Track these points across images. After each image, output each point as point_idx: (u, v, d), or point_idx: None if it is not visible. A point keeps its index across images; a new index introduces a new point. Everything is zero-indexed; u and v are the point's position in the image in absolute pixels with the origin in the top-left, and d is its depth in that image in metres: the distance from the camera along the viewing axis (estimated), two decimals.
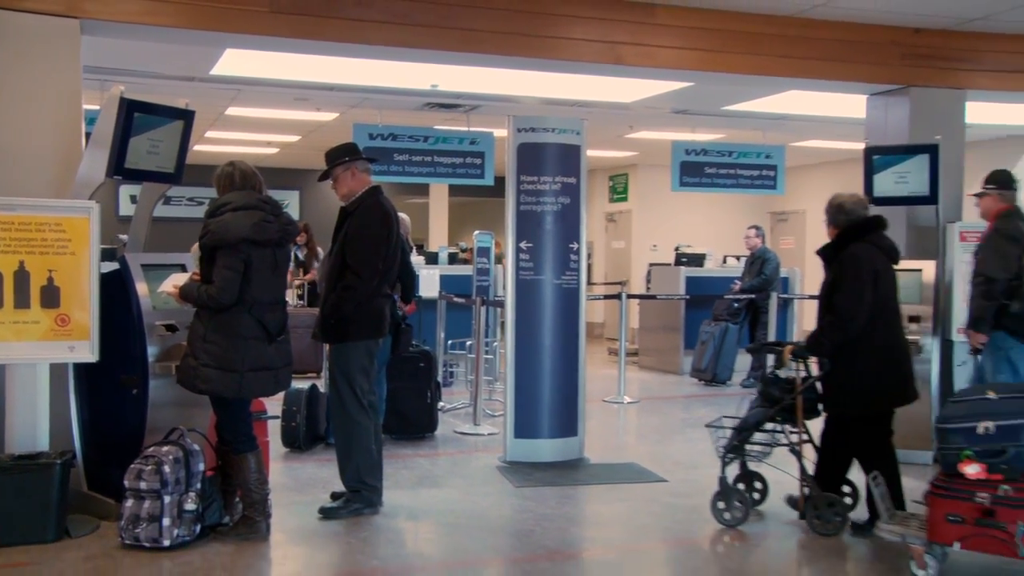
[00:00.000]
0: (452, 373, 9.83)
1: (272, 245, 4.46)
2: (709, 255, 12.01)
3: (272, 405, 5.58)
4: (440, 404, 7.42)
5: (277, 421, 6.40)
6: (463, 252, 11.74)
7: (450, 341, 9.26)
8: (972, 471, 3.84)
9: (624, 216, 15.67)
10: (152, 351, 4.83)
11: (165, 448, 4.45)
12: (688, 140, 10.29)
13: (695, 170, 9.95)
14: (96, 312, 4.62)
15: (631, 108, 9.66)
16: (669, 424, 8.04)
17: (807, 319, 10.94)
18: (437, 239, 15.34)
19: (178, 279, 4.53)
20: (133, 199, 8.39)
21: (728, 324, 10.04)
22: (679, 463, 6.34)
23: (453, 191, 15.59)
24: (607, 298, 11.12)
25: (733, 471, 4.99)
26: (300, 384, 6.46)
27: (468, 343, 9.07)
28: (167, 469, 4.34)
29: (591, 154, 9.81)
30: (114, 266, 5.00)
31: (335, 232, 5.00)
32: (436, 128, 9.38)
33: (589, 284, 11.28)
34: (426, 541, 4.82)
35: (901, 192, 6.50)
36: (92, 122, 4.96)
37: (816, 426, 4.91)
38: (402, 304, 6.01)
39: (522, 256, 6.30)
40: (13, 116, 5.01)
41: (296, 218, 12.19)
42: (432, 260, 10.97)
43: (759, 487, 5.14)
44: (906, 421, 5.04)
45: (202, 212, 4.61)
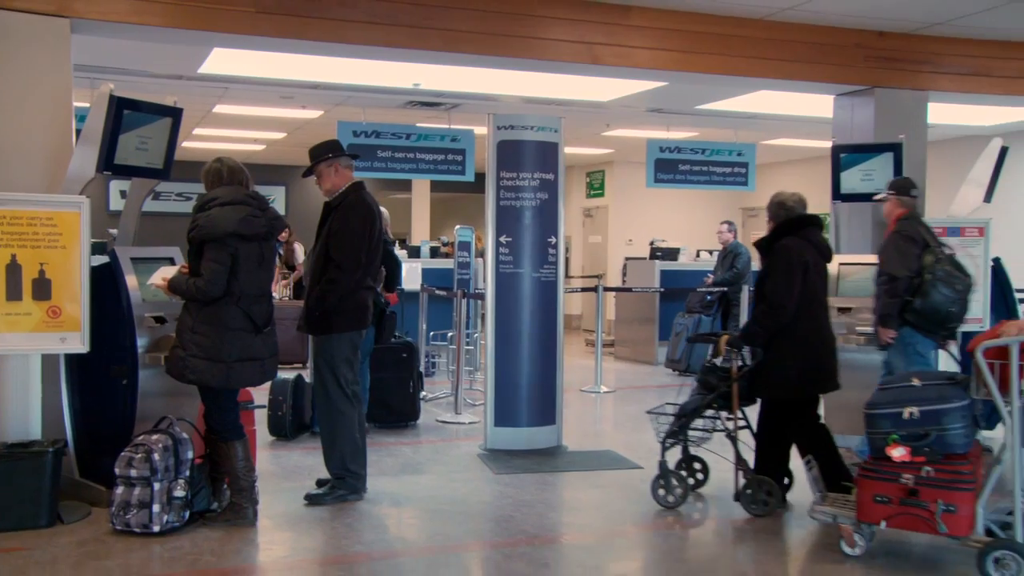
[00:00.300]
0: (434, 363, 9.94)
1: (259, 239, 4.51)
2: (683, 249, 12.17)
3: (259, 395, 5.65)
4: (422, 393, 7.49)
5: (264, 410, 6.44)
6: (444, 246, 11.80)
7: (432, 332, 9.38)
8: (898, 454, 3.99)
9: (601, 211, 15.80)
10: (142, 342, 4.90)
11: (155, 436, 4.50)
12: (663, 138, 10.41)
13: (669, 167, 10.06)
14: (87, 304, 4.66)
15: (607, 107, 9.74)
16: (644, 413, 8.14)
17: None
18: (419, 233, 15.40)
19: (167, 272, 4.57)
20: (123, 194, 8.41)
21: (701, 316, 10.19)
22: (653, 450, 6.33)
23: (435, 187, 15.64)
24: (584, 291, 11.26)
25: (675, 456, 5.18)
26: (286, 374, 6.53)
27: (449, 334, 9.23)
28: (156, 457, 4.40)
29: (569, 151, 9.96)
30: (104, 259, 5.06)
31: (319, 227, 5.05)
32: (418, 126, 9.41)
33: (567, 277, 11.35)
34: (409, 526, 4.89)
35: (867, 189, 6.67)
36: (82, 119, 4.99)
37: (753, 413, 5.09)
38: (385, 292, 6.12)
39: (502, 250, 6.39)
40: (5, 113, 5.03)
41: (282, 213, 12.26)
42: (414, 254, 11.01)
43: (699, 469, 5.34)
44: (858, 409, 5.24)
45: (190, 207, 4.66)
